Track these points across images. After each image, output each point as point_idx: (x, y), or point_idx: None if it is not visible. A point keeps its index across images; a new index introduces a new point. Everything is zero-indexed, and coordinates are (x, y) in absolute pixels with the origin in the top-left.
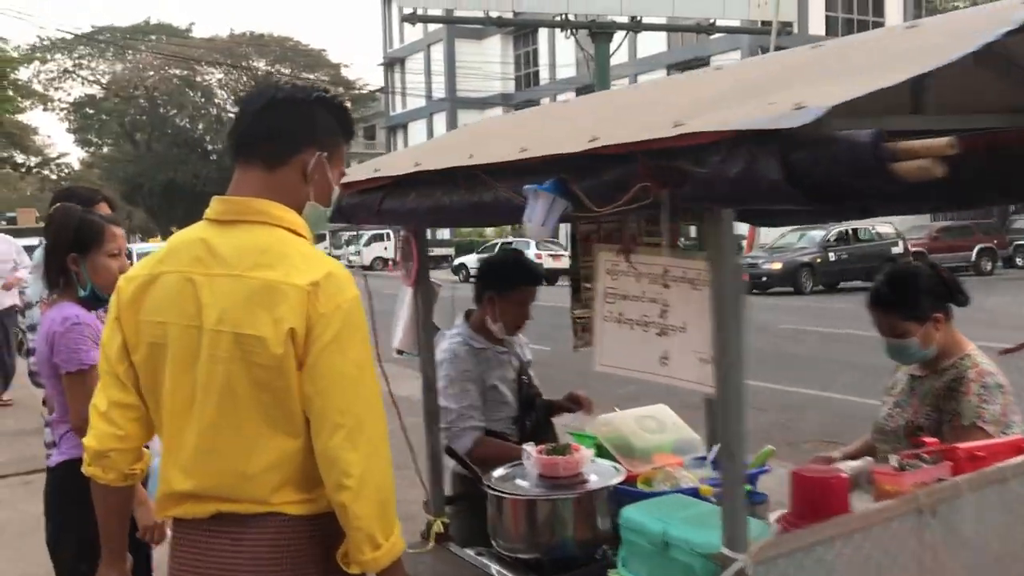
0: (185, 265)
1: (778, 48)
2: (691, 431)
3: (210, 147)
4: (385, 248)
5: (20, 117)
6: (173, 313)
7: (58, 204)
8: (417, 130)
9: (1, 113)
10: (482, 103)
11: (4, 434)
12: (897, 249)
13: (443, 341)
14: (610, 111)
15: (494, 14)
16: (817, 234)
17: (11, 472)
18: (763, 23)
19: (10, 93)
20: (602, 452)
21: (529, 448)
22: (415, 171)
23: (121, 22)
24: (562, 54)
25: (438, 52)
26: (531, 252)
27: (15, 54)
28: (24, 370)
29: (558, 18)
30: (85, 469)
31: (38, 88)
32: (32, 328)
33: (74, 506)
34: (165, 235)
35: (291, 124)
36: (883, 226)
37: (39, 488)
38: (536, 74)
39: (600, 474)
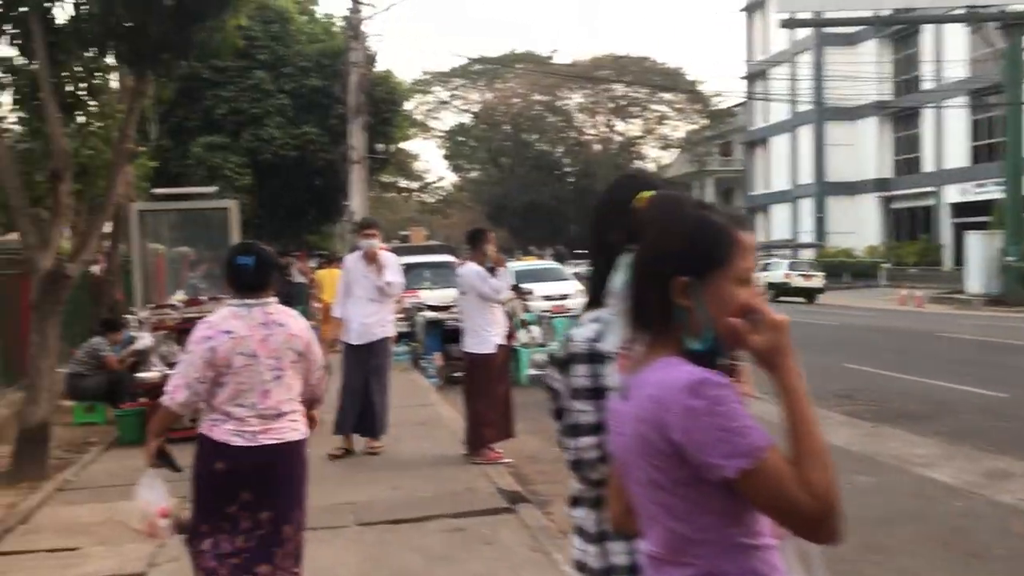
0: None
1: None
2: None
3: (568, 169)
4: None
5: (404, 145)
6: None
7: (657, 194)
8: (779, 144)
9: (399, 139)
10: (852, 113)
11: (425, 463)
12: None
13: None
14: None
15: (884, 12)
16: None
17: (441, 512)
18: None
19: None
20: None
21: None
22: None
23: (492, 53)
24: (951, 53)
25: (805, 61)
26: (780, 272)
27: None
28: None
29: (959, 11)
30: None
31: (419, 118)
32: (596, 393)
33: None
34: (526, 254)
35: None
36: None
37: (475, 537)
38: (916, 78)
39: None
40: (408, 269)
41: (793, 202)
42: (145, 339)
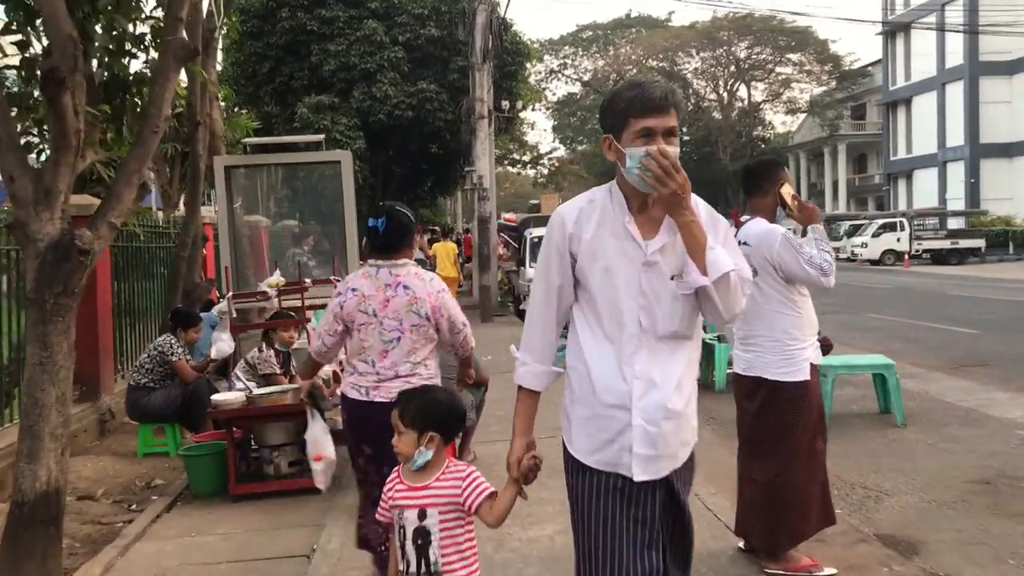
0: None
1: None
2: None
3: (686, 137)
4: (898, 239)
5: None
6: None
7: None
8: (924, 104)
9: (524, 99)
10: (1011, 66)
11: None
12: None
13: None
14: None
15: None
16: None
17: None
18: None
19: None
20: None
21: None
22: None
23: (603, 19)
24: None
25: (955, 11)
26: None
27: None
28: None
29: None
30: None
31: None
32: None
33: None
34: None
35: None
36: None
37: None
38: None
39: None
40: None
41: (941, 167)
42: (222, 343)
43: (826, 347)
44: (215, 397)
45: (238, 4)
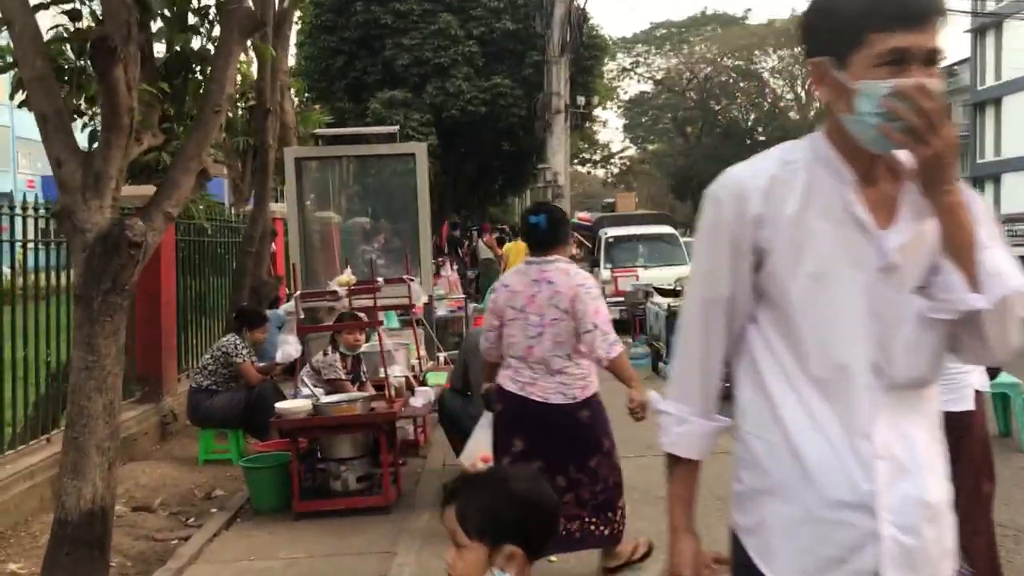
0: None
1: None
2: None
3: (761, 138)
4: None
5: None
6: None
7: None
8: (1016, 104)
9: (601, 94)
10: None
11: None
12: None
13: None
14: None
15: None
16: None
17: None
18: None
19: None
20: None
21: None
22: None
23: (678, 16)
24: None
25: None
26: None
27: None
28: None
29: None
30: None
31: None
32: None
33: None
34: None
35: None
36: None
37: None
38: None
39: None
40: (618, 242)
41: None
42: (288, 346)
43: (993, 371)
44: (279, 405)
45: None
